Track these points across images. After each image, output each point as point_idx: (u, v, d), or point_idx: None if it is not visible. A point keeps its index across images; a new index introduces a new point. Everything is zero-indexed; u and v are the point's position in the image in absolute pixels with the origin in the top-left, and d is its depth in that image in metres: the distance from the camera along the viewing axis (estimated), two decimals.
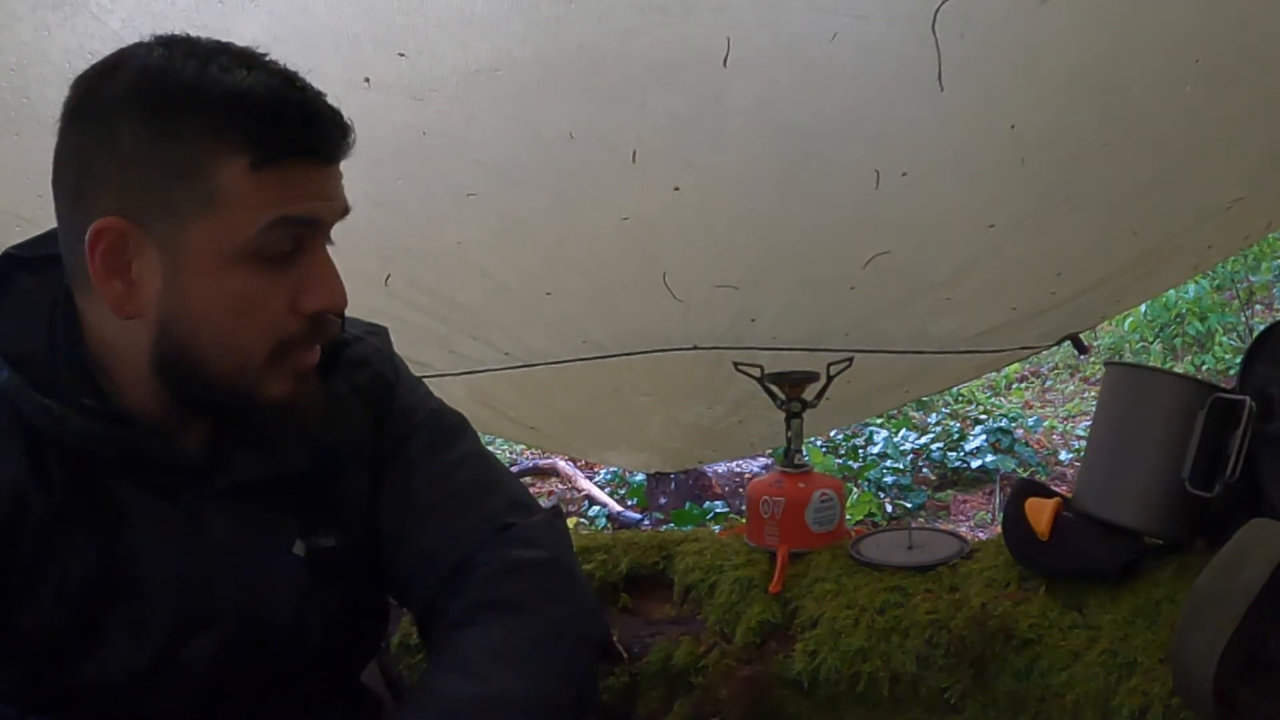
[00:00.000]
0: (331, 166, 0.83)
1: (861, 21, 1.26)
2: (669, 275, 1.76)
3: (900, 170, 1.52)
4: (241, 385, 0.84)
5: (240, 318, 0.82)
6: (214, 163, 0.78)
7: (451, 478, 1.01)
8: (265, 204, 0.79)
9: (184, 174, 0.78)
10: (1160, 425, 1.17)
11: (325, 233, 0.85)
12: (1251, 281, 6.53)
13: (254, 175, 0.78)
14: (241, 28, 1.20)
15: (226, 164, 0.78)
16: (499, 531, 0.98)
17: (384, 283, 1.70)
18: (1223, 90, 1.40)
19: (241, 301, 0.81)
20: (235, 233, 0.79)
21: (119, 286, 0.81)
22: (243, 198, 0.78)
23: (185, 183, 0.78)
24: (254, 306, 0.82)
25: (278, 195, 0.79)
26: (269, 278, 0.82)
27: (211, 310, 0.81)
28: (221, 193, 0.78)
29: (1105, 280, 1.87)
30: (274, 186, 0.79)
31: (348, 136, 0.83)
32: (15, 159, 1.29)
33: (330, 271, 0.85)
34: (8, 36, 1.22)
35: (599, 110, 1.41)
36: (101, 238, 0.79)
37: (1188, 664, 0.94)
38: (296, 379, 0.86)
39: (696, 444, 2.63)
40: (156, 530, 0.87)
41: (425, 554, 0.97)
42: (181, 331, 0.82)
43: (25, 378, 0.83)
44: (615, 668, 1.32)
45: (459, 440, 1.04)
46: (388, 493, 0.99)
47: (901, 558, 1.28)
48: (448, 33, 1.26)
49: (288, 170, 0.80)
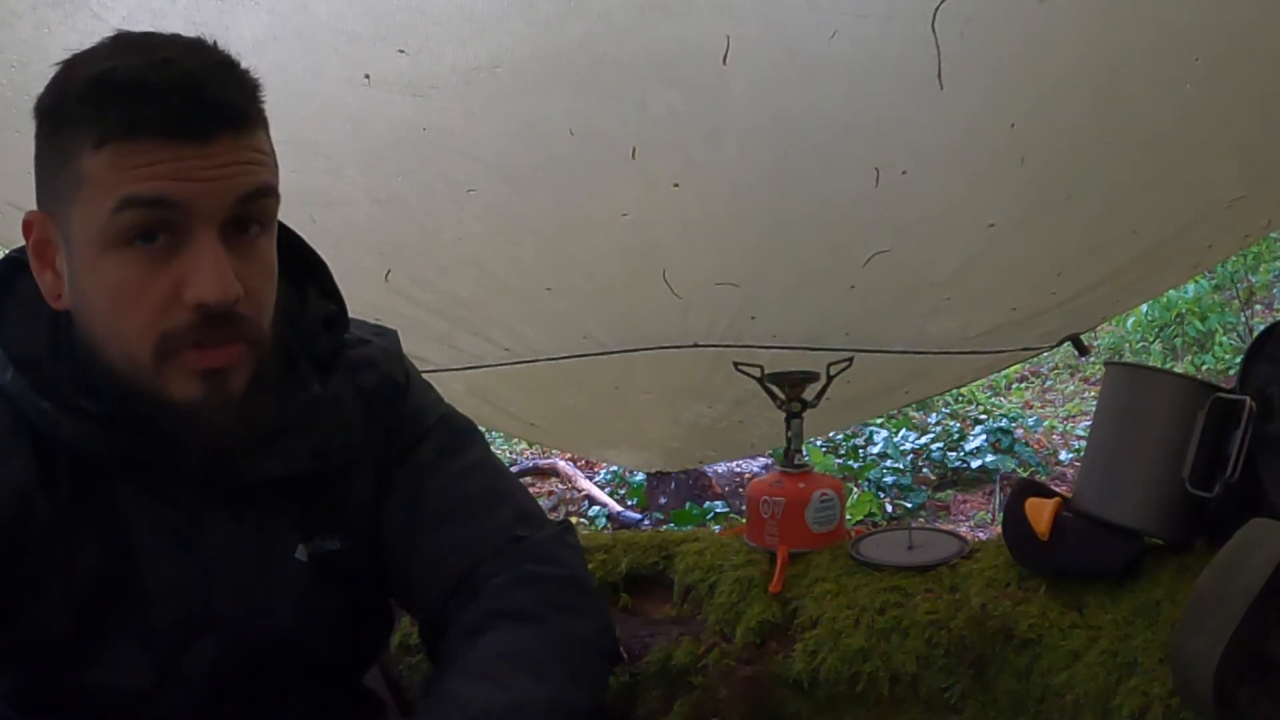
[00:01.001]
0: (196, 145, 0.77)
1: (861, 20, 1.26)
2: (669, 272, 1.76)
3: (900, 168, 1.52)
4: (138, 381, 0.81)
5: (120, 306, 0.80)
6: (76, 149, 0.78)
7: (462, 485, 1.00)
8: (113, 185, 0.77)
9: (61, 164, 0.79)
10: (1160, 425, 1.17)
11: (204, 218, 0.78)
12: (1251, 281, 6.53)
13: (99, 155, 0.77)
14: (241, 25, 1.20)
15: (82, 149, 0.77)
16: (511, 543, 0.97)
17: (384, 278, 1.70)
18: (1223, 89, 1.40)
19: (118, 289, 0.79)
20: (95, 218, 0.78)
21: (49, 277, 0.83)
22: (97, 180, 0.77)
23: (62, 172, 0.79)
24: (133, 295, 0.79)
25: (124, 176, 0.76)
26: (144, 266, 0.78)
27: (96, 298, 0.81)
28: (83, 178, 0.78)
29: (1106, 280, 1.87)
30: (121, 168, 0.76)
31: (220, 114, 0.78)
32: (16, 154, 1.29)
33: (210, 262, 0.78)
34: (8, 34, 1.22)
35: (599, 107, 1.41)
36: (30, 231, 0.83)
37: (1188, 664, 0.94)
38: (201, 381, 0.81)
39: (697, 443, 2.63)
40: (158, 535, 0.87)
41: (434, 559, 0.96)
42: (83, 320, 0.83)
43: (29, 380, 0.83)
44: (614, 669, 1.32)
45: (470, 447, 1.03)
46: (396, 496, 0.98)
47: (901, 558, 1.28)
48: (448, 30, 1.26)
49: (134, 149, 0.76)
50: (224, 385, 0.82)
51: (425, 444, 1.01)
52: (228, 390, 0.82)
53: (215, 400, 0.82)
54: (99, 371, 0.83)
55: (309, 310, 0.96)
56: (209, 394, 0.81)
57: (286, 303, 0.92)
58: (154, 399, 0.81)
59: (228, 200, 0.79)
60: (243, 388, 0.84)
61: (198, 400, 0.81)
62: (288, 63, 1.26)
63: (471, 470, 1.02)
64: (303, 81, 1.31)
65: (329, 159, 1.49)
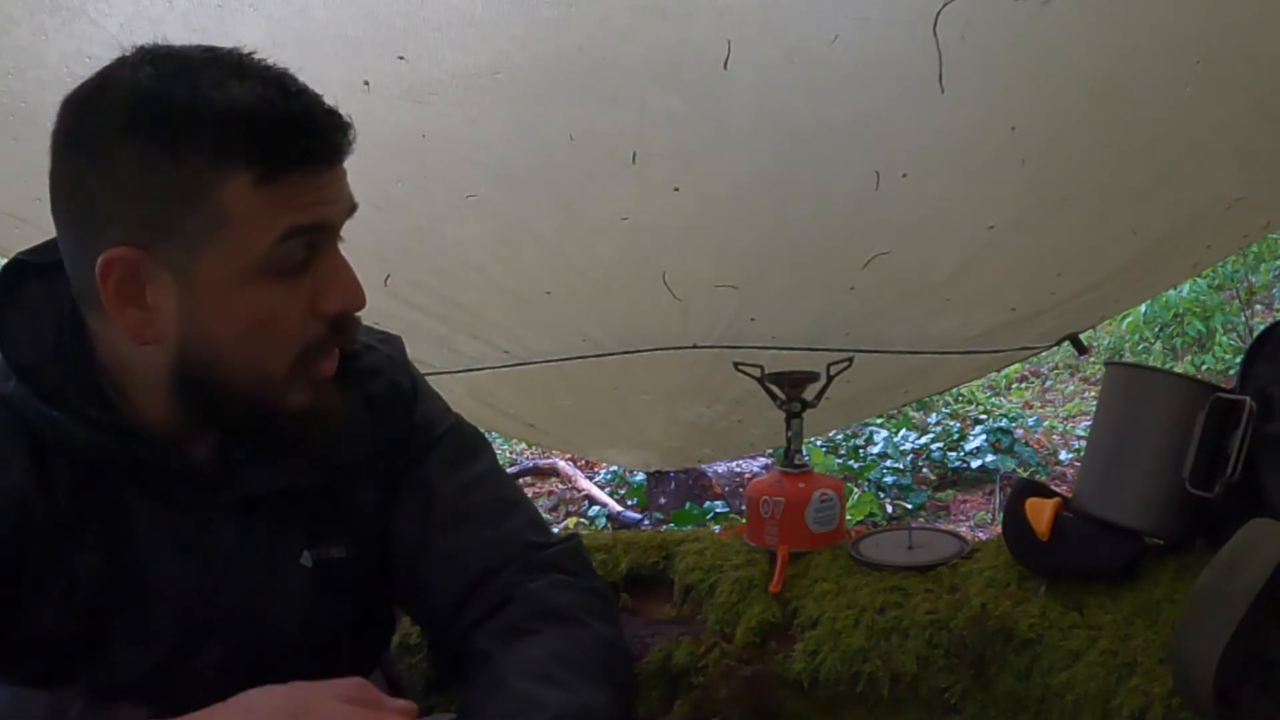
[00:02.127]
0: (335, 169, 0.82)
1: (862, 24, 1.26)
2: (669, 275, 1.76)
3: (900, 171, 1.52)
4: (266, 398, 0.84)
5: (263, 333, 0.81)
6: (217, 184, 0.76)
7: (474, 492, 1.02)
8: (274, 218, 0.78)
9: (188, 198, 0.77)
10: (1160, 425, 1.17)
11: (336, 234, 0.84)
12: (1251, 281, 6.52)
13: (259, 191, 0.77)
14: (240, 32, 1.20)
15: (230, 183, 0.76)
16: (529, 550, 0.99)
17: (384, 283, 1.70)
18: (1222, 92, 1.40)
19: (262, 316, 0.81)
20: (247, 251, 0.78)
21: (135, 314, 0.80)
22: (251, 215, 0.77)
23: (190, 207, 0.77)
24: (275, 320, 0.81)
25: (285, 207, 0.78)
26: (286, 288, 0.81)
27: (232, 330, 0.81)
28: (228, 213, 0.77)
29: (1105, 280, 1.87)
30: (281, 199, 0.78)
31: (348, 136, 0.82)
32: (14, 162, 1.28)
33: (346, 272, 0.84)
34: (5, 41, 1.22)
35: (599, 112, 1.41)
36: (112, 269, 0.78)
37: (1188, 664, 0.94)
38: (316, 387, 0.85)
39: (696, 443, 2.63)
40: (164, 540, 0.87)
41: (450, 562, 0.97)
42: (203, 354, 0.81)
43: (32, 387, 0.83)
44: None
45: (480, 457, 1.05)
46: (407, 502, 0.99)
47: (901, 558, 1.28)
48: (447, 36, 1.26)
49: (292, 180, 0.78)
50: (328, 389, 0.87)
51: (436, 452, 1.02)
52: (330, 392, 0.88)
53: (324, 403, 0.87)
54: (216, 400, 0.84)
55: None
56: (319, 398, 0.86)
57: None
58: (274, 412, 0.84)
59: (347, 215, 0.85)
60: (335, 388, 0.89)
61: (313, 405, 0.85)
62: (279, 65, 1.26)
63: (483, 478, 1.03)
64: None
65: None
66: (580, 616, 0.95)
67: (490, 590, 0.96)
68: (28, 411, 0.83)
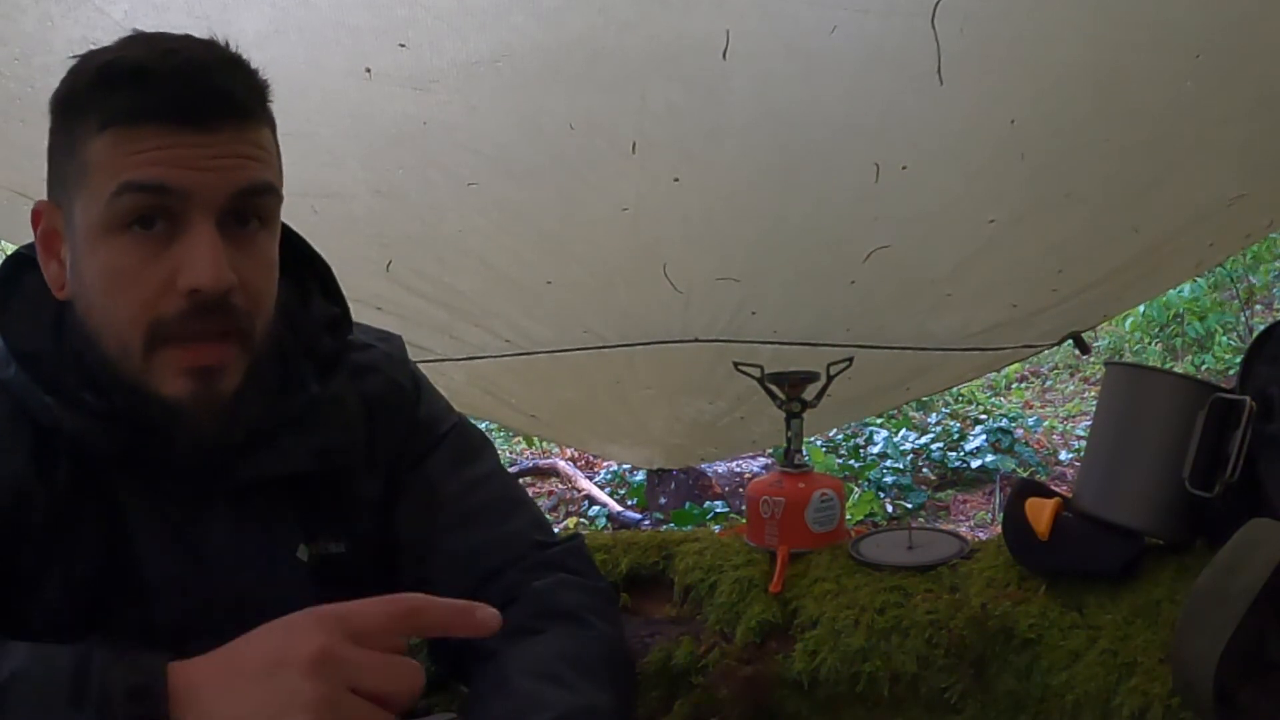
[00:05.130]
0: (198, 133, 0.78)
1: (861, 15, 1.27)
2: (669, 267, 1.76)
3: (900, 164, 1.52)
4: (128, 373, 0.82)
5: (115, 292, 0.80)
6: (83, 136, 0.79)
7: (481, 490, 1.02)
8: (115, 170, 0.78)
9: (69, 152, 0.80)
10: (1160, 425, 1.16)
11: (203, 206, 0.79)
12: (1251, 281, 6.53)
13: (104, 140, 0.78)
14: (243, 19, 1.21)
15: (89, 134, 0.79)
16: (535, 549, 1.00)
17: (385, 269, 1.71)
18: (1223, 87, 1.40)
19: (114, 274, 0.80)
20: (96, 202, 0.79)
21: (55, 267, 0.85)
22: (100, 166, 0.78)
23: (70, 160, 0.80)
24: (127, 281, 0.79)
25: (125, 161, 0.77)
26: (140, 252, 0.79)
27: (92, 284, 0.81)
28: (88, 164, 0.79)
29: (1107, 277, 1.87)
30: (123, 153, 0.77)
31: (223, 103, 0.79)
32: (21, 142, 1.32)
33: (204, 249, 0.78)
34: (12, 28, 1.23)
35: (599, 101, 1.41)
36: (38, 220, 0.84)
37: (1188, 664, 0.94)
38: (192, 379, 0.81)
39: (698, 440, 2.63)
40: (158, 531, 0.87)
41: (456, 559, 0.98)
42: (81, 308, 0.83)
43: (32, 374, 0.83)
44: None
45: (484, 456, 1.06)
46: (411, 499, 1.00)
47: (901, 558, 1.28)
48: (448, 24, 1.26)
49: (136, 135, 0.77)
50: (213, 384, 0.82)
51: (440, 450, 1.02)
52: (216, 390, 0.82)
53: (203, 399, 0.82)
54: (95, 362, 0.84)
55: (312, 312, 0.96)
56: (197, 392, 0.82)
57: (287, 303, 0.93)
58: (143, 393, 0.82)
59: (226, 191, 0.79)
60: (233, 388, 0.83)
61: (185, 398, 0.81)
62: (289, 56, 1.27)
63: (488, 477, 1.04)
64: (304, 75, 1.32)
65: (330, 152, 1.49)
66: (585, 616, 0.95)
67: (496, 589, 0.96)
68: (27, 398, 0.83)
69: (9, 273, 0.89)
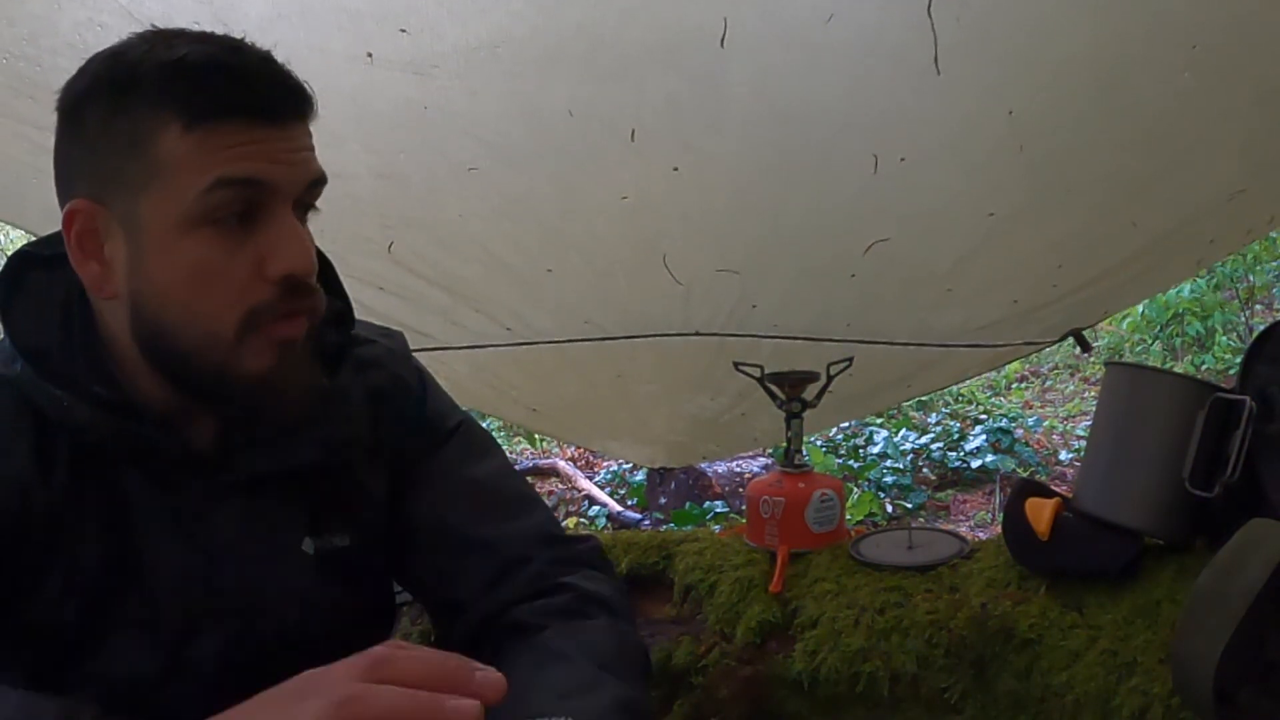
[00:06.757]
0: (277, 128, 0.81)
1: (858, 4, 1.26)
2: (669, 258, 1.76)
3: (898, 155, 1.51)
4: (214, 358, 0.82)
5: (201, 287, 0.81)
6: (154, 132, 0.78)
7: (496, 484, 1.03)
8: (204, 167, 0.78)
9: (132, 149, 0.79)
10: (1160, 425, 1.17)
11: (283, 197, 0.82)
12: (1251, 281, 6.53)
13: (188, 138, 0.78)
14: (246, 4, 1.22)
15: (164, 131, 0.78)
16: (560, 543, 1.01)
17: (387, 250, 1.71)
18: (1222, 80, 1.40)
19: (200, 269, 0.80)
20: (180, 199, 0.79)
21: (95, 268, 0.83)
22: (182, 163, 0.78)
23: (133, 157, 0.79)
24: (215, 274, 0.81)
25: (216, 157, 0.78)
26: (227, 244, 0.80)
27: (172, 281, 0.81)
28: (163, 161, 0.79)
29: (1107, 273, 1.87)
30: (212, 149, 0.78)
31: (296, 99, 0.82)
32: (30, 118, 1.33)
33: (293, 235, 0.82)
34: (19, 9, 1.24)
35: (598, 89, 1.41)
36: (74, 220, 0.82)
37: (1188, 664, 0.94)
38: (276, 352, 0.84)
39: (700, 437, 2.63)
40: (164, 525, 0.88)
41: (480, 545, 0.99)
42: (150, 307, 0.82)
43: (39, 369, 0.83)
44: None
45: (493, 454, 1.07)
46: (422, 493, 1.00)
47: (901, 558, 1.28)
48: (448, 9, 1.26)
49: (224, 131, 0.79)
50: (294, 354, 0.85)
51: (450, 446, 1.03)
52: (298, 359, 0.85)
53: (288, 368, 0.85)
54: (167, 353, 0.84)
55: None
56: (282, 362, 0.84)
57: None
58: (228, 375, 0.83)
59: (302, 183, 0.83)
60: (308, 358, 0.87)
61: (272, 369, 0.84)
62: (291, 41, 1.26)
63: (501, 473, 1.05)
64: (305, 59, 1.31)
65: (331, 134, 1.49)
66: (622, 612, 0.98)
67: (525, 575, 0.97)
68: (33, 392, 0.83)
69: (14, 271, 0.89)
